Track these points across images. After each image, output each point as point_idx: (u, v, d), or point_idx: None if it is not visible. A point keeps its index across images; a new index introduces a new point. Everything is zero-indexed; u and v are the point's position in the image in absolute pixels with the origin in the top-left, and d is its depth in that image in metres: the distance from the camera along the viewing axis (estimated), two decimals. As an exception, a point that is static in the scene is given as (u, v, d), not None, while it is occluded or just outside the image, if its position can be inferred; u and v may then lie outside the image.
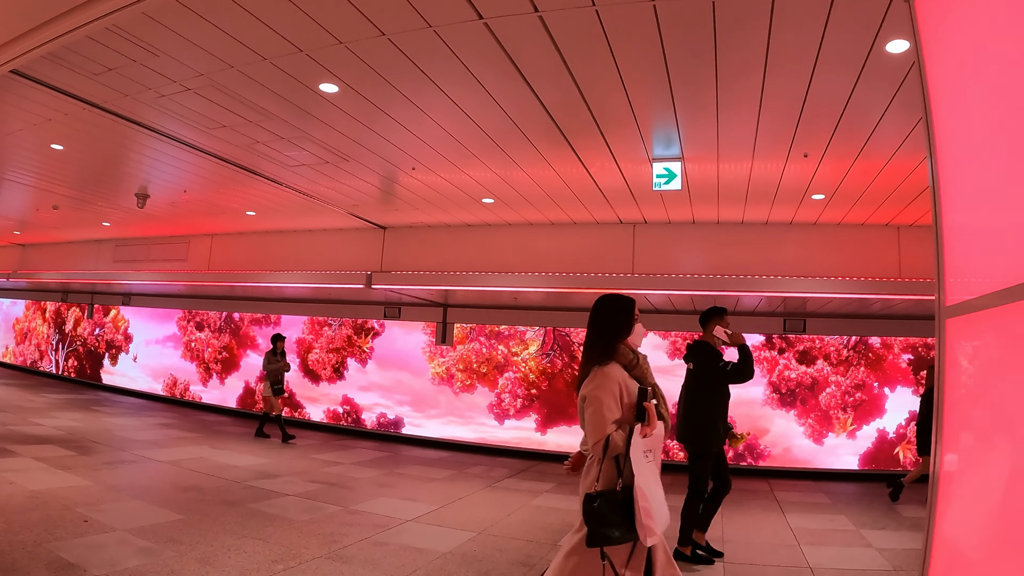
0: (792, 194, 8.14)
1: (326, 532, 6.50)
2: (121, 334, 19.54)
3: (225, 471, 9.12)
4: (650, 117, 6.12)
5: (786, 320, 11.77)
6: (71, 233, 16.11)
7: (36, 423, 11.69)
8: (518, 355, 13.41)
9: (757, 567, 6.13)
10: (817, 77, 5.10)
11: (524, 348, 13.37)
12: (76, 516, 6.20)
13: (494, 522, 7.40)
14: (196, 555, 5.46)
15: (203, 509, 7.02)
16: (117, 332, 19.68)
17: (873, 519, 8.17)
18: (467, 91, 5.81)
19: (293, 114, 6.63)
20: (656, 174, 7.03)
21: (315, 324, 15.67)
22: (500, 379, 13.45)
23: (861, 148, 6.51)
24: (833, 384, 11.61)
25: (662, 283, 9.46)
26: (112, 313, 19.83)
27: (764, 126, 6.09)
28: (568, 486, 9.77)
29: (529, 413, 13.07)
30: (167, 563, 5.20)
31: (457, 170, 8.20)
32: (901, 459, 11.22)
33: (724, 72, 5.14)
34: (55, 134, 7.93)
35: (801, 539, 7.13)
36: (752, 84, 5.31)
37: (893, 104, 5.48)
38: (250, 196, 10.42)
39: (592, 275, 9.94)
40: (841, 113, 5.73)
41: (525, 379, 13.21)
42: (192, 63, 5.57)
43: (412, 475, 10.04)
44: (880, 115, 5.73)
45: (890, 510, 8.76)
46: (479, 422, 13.47)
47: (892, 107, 5.54)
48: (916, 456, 10.38)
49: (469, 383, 13.66)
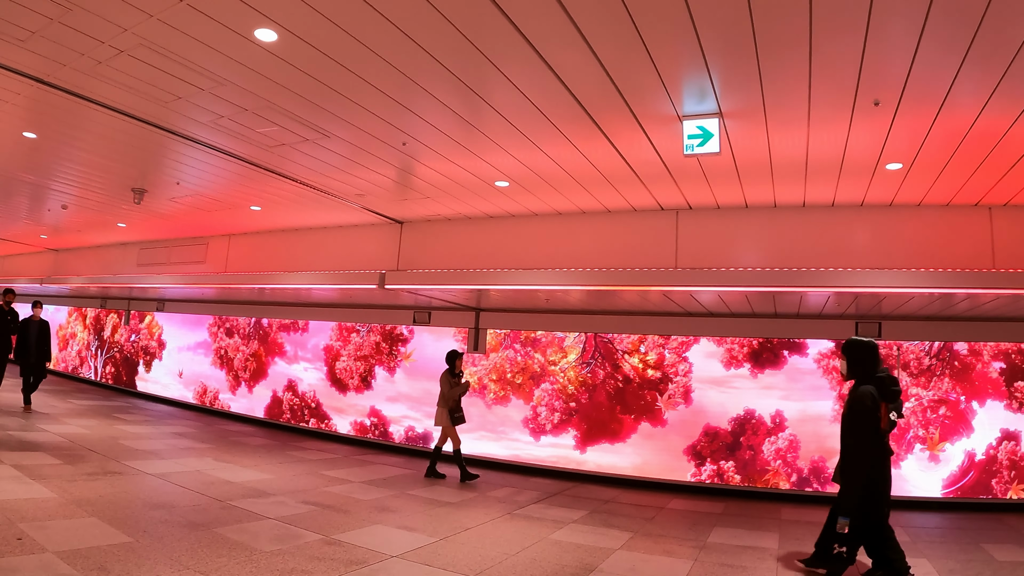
0: (862, 164, 6.81)
1: (286, 568, 5.44)
2: (155, 340, 19.08)
3: (214, 487, 8.19)
4: (674, 64, 5.04)
5: (858, 323, 10.26)
6: (95, 237, 16.14)
7: (42, 429, 11.04)
8: (556, 364, 12.21)
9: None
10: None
11: (563, 356, 12.17)
12: (12, 533, 5.50)
13: (496, 562, 6.23)
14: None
15: (160, 532, 6.09)
16: (151, 338, 19.24)
17: (963, 564, 6.76)
18: (476, 68, 5.36)
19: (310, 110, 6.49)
20: (688, 134, 5.81)
21: (343, 330, 14.77)
22: (536, 390, 12.26)
23: (944, 98, 5.24)
24: (913, 398, 10.06)
25: (711, 278, 8.14)
26: (147, 319, 19.48)
27: (818, 62, 4.84)
28: (600, 515, 8.58)
29: (567, 428, 11.86)
30: (72, 598, 4.29)
31: (472, 155, 7.46)
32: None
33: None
34: (25, 120, 7.66)
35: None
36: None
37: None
38: (258, 190, 9.89)
39: (630, 270, 8.69)
40: (917, 45, 4.49)
41: (563, 391, 12.00)
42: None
43: (424, 497, 8.94)
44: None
45: (978, 551, 7.34)
46: (512, 438, 12.30)
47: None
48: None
49: (503, 394, 12.51)
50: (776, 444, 10.40)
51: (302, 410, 15.02)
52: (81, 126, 7.64)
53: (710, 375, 10.91)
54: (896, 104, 5.39)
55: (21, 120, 7.60)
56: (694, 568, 6.36)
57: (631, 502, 9.69)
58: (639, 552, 6.88)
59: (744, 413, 10.67)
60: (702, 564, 6.51)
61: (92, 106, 6.80)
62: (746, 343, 10.86)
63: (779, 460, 10.33)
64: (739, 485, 10.50)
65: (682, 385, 11.01)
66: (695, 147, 5.84)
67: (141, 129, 7.42)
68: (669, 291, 8.57)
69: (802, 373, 10.49)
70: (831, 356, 10.38)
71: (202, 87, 6.13)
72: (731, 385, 10.80)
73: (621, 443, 11.38)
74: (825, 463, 10.12)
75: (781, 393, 10.53)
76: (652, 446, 11.14)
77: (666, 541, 7.42)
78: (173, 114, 6.90)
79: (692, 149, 5.88)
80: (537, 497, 9.60)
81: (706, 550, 7.08)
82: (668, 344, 11.33)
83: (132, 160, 8.88)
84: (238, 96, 6.28)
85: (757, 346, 10.79)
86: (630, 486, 10.98)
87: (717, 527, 8.23)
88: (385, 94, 5.96)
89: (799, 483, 10.22)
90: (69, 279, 17.65)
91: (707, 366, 10.96)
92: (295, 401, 15.19)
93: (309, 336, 15.30)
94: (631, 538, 7.48)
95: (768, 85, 5.20)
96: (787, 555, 7.00)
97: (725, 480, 10.58)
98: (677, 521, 8.57)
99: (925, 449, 9.85)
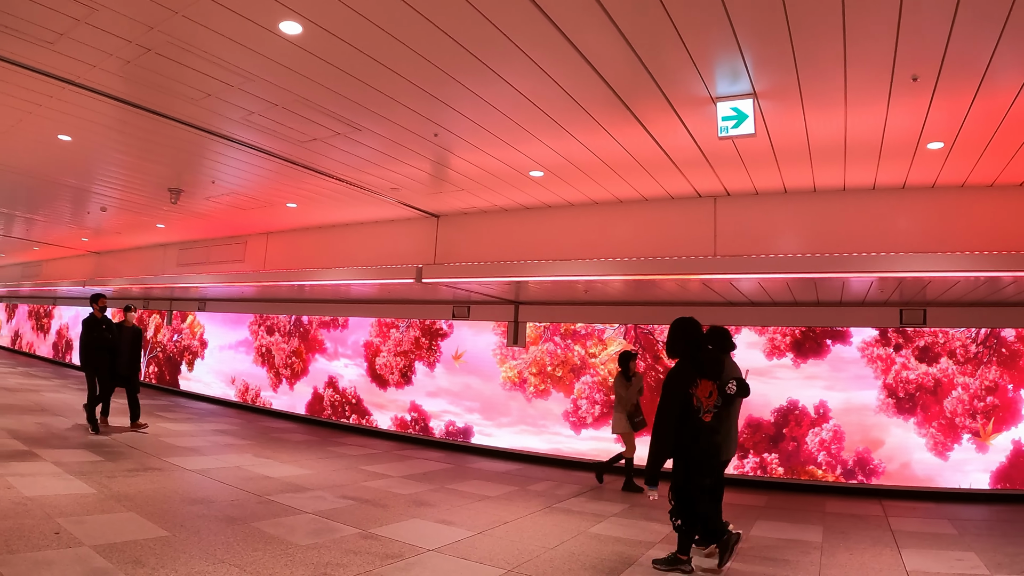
0: (903, 143, 6.57)
1: (321, 562, 5.42)
2: (197, 340, 19.34)
3: (252, 482, 8.23)
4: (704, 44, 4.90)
5: (903, 310, 9.96)
6: (135, 238, 16.43)
7: (84, 426, 11.16)
8: (596, 356, 12.08)
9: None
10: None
11: (603, 348, 12.04)
12: (50, 527, 5.55)
13: (534, 556, 6.16)
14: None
15: (197, 526, 6.14)
16: (193, 338, 19.50)
17: (1011, 559, 6.51)
18: (510, 61, 5.35)
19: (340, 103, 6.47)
20: (722, 116, 5.65)
21: (382, 326, 14.79)
22: (576, 383, 12.15)
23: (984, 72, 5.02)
24: (960, 386, 9.77)
25: (750, 265, 7.94)
26: (189, 319, 19.74)
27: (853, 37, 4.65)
28: (640, 509, 8.47)
29: (608, 422, 11.71)
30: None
31: (505, 145, 7.38)
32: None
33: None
34: (59, 123, 7.73)
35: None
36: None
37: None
38: (294, 187, 9.94)
39: (668, 259, 8.53)
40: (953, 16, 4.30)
41: (604, 383, 11.87)
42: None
43: (463, 492, 8.89)
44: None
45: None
46: (553, 431, 12.21)
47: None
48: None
49: (543, 388, 12.42)
50: (820, 435, 10.18)
51: (343, 406, 15.09)
52: (113, 127, 7.70)
53: (752, 365, 10.70)
54: (935, 79, 5.18)
55: (54, 123, 7.68)
56: (735, 562, 6.22)
57: (672, 495, 9.54)
58: (679, 545, 6.77)
59: (787, 404, 10.46)
60: (744, 558, 6.38)
61: (123, 106, 6.85)
62: (788, 332, 10.65)
63: (823, 452, 10.11)
64: (782, 477, 10.30)
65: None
66: (729, 129, 5.69)
67: (173, 128, 7.47)
68: (708, 279, 8.41)
69: (846, 362, 10.26)
70: (876, 345, 10.13)
71: (231, 83, 6.14)
72: (774, 375, 10.60)
73: (661, 436, 11.21)
74: (870, 454, 9.88)
75: (825, 383, 10.31)
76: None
77: (707, 534, 7.30)
78: (204, 112, 6.93)
79: (727, 131, 5.72)
80: (577, 491, 9.51)
81: (748, 543, 6.93)
82: (709, 334, 11.15)
83: (167, 160, 8.95)
84: (268, 91, 6.27)
85: (800, 335, 10.58)
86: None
87: (760, 520, 8.07)
88: (415, 85, 5.90)
89: (844, 475, 10.00)
90: (111, 281, 17.90)
91: (749, 356, 10.75)
92: (336, 397, 15.26)
93: (349, 333, 15.37)
94: (671, 532, 7.35)
95: (802, 62, 5.03)
96: (831, 548, 6.84)
97: (768, 472, 10.39)
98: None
99: (973, 440, 9.57)
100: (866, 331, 10.24)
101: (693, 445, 5.94)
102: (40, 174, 10.24)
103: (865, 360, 10.15)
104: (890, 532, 7.61)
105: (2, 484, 6.79)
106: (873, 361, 10.10)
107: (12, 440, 9.23)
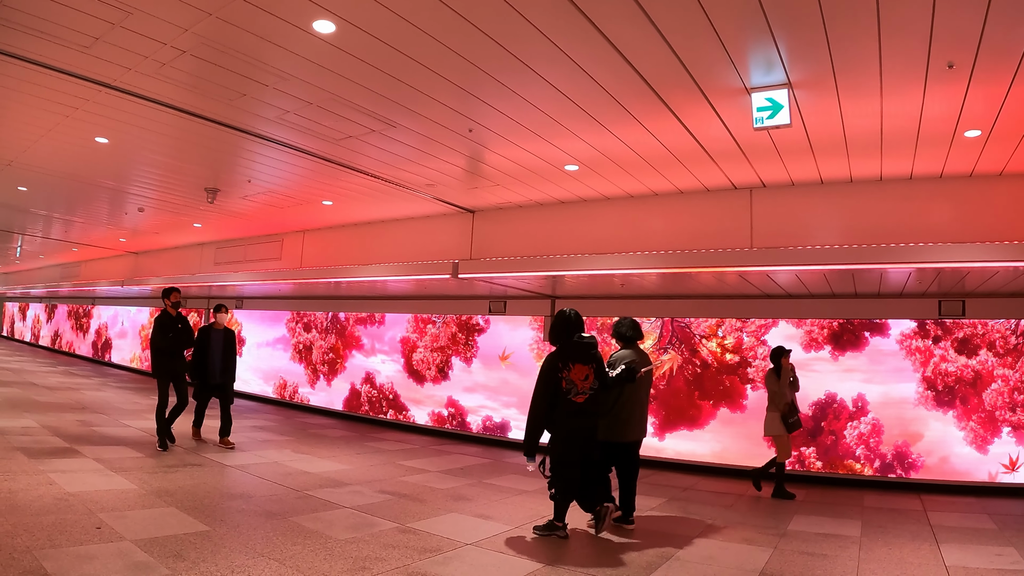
0: (939, 132, 6.44)
1: (360, 555, 5.46)
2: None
3: (291, 478, 8.32)
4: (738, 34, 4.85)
5: (941, 301, 9.80)
6: (173, 238, 16.63)
7: (124, 424, 11.43)
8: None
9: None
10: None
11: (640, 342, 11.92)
12: (92, 522, 5.68)
13: (573, 550, 6.18)
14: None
15: (237, 520, 6.22)
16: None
17: (1055, 554, 6.40)
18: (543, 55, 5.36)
19: (374, 100, 6.51)
20: (757, 107, 5.60)
21: (419, 322, 14.87)
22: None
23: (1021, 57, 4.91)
24: (999, 379, 9.59)
25: (787, 257, 7.86)
26: (228, 316, 19.85)
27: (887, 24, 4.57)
28: (678, 503, 8.45)
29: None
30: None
31: (540, 139, 7.37)
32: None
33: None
34: (96, 126, 7.86)
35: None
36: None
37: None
38: (329, 185, 10.01)
39: (705, 251, 8.46)
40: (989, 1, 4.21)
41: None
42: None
43: (501, 486, 8.91)
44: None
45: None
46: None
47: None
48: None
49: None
50: (858, 429, 10.07)
51: (380, 402, 15.18)
52: (150, 128, 7.80)
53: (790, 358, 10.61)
54: (971, 66, 5.07)
55: (92, 126, 7.80)
56: (773, 556, 6.18)
57: (710, 489, 9.51)
58: (717, 540, 6.73)
59: (825, 397, 10.35)
60: (781, 552, 6.33)
61: (160, 108, 6.94)
62: (826, 325, 10.53)
63: (861, 445, 10.00)
64: (820, 471, 10.20)
65: (761, 369, 10.73)
66: (765, 120, 5.63)
67: (209, 128, 7.55)
68: (745, 272, 8.34)
69: (884, 355, 10.12)
70: (914, 337, 9.99)
71: (266, 83, 6.19)
72: (811, 368, 10.49)
73: (700, 429, 11.17)
74: (909, 448, 9.75)
75: (863, 376, 10.17)
76: (731, 432, 10.91)
77: (745, 529, 7.25)
78: (239, 112, 7.00)
79: (762, 122, 5.66)
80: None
81: (786, 538, 6.88)
82: (746, 327, 11.07)
83: (203, 160, 9.07)
84: (302, 90, 6.32)
85: (837, 328, 10.45)
86: (709, 473, 10.78)
87: (798, 514, 8.00)
88: (448, 80, 5.91)
89: (882, 469, 9.87)
90: (149, 280, 18.19)
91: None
92: (373, 393, 15.37)
93: (386, 329, 15.46)
94: (709, 525, 7.33)
95: (836, 51, 4.96)
96: (870, 543, 6.77)
97: (806, 466, 10.30)
98: (757, 508, 8.37)
99: (1012, 433, 9.39)
100: (904, 323, 10.09)
101: (564, 423, 6.53)
102: (78, 176, 10.42)
103: (904, 352, 10.01)
104: (929, 527, 7.51)
105: (44, 480, 6.94)
106: (912, 353, 9.96)
107: (54, 437, 9.42)
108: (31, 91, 6.76)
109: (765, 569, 5.78)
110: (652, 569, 5.66)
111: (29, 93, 6.83)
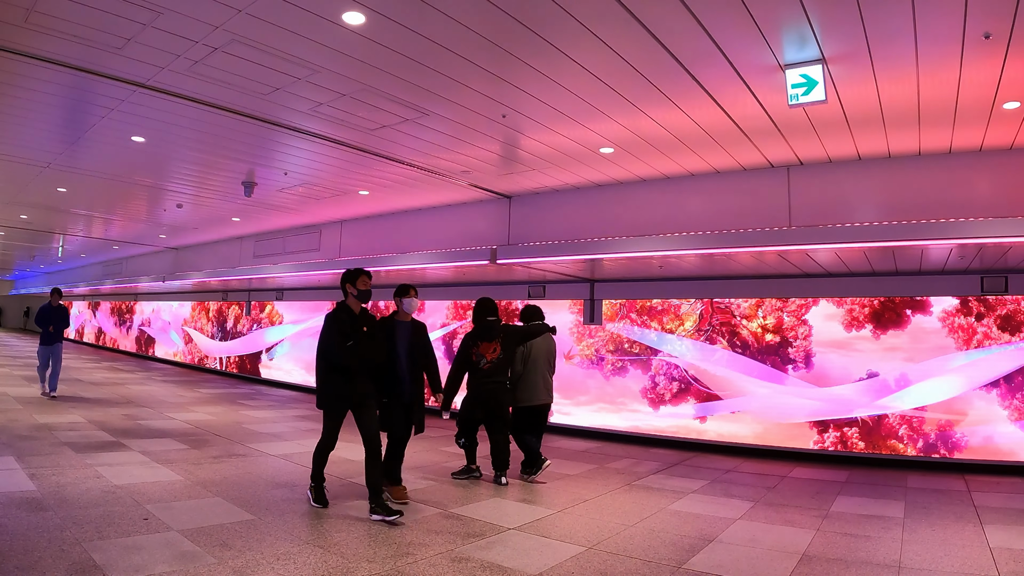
0: (978, 104, 6.29)
1: (403, 541, 5.52)
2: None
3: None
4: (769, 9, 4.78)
5: (983, 278, 9.61)
6: (212, 232, 16.82)
7: (169, 417, 11.61)
8: (673, 332, 11.99)
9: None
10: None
11: (679, 324, 11.94)
12: (139, 514, 5.78)
13: (614, 533, 6.16)
14: (236, 564, 4.72)
15: (281, 509, 6.32)
16: (272, 327, 19.87)
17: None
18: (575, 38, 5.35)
19: (407, 89, 6.56)
20: (791, 83, 5.52)
21: (458, 308, 14.95)
22: (654, 359, 12.08)
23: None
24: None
25: (826, 235, 7.75)
26: (268, 308, 20.13)
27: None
28: (720, 485, 8.40)
29: (687, 398, 11.64)
30: (197, 572, 4.53)
31: (574, 123, 7.35)
32: None
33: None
34: (132, 125, 8.00)
35: (1003, 566, 5.38)
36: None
37: None
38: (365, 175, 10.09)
39: (743, 231, 8.38)
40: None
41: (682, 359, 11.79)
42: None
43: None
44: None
45: None
46: (632, 409, 12.17)
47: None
48: None
49: (620, 365, 12.38)
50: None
51: (421, 388, 15.24)
52: (186, 126, 7.91)
53: (830, 338, 10.49)
54: (1008, 36, 4.94)
55: (128, 126, 7.94)
56: (816, 538, 6.13)
57: (752, 471, 9.46)
58: (760, 522, 6.69)
59: (867, 376, 10.23)
60: (824, 534, 6.28)
61: (194, 105, 7.04)
62: (867, 303, 10.38)
63: (904, 425, 9.86)
64: (863, 452, 10.09)
65: (802, 349, 10.64)
66: (800, 97, 5.56)
67: (244, 123, 7.65)
68: (784, 251, 8.25)
69: (927, 333, 9.96)
70: (956, 314, 9.82)
71: (298, 76, 6.23)
72: (853, 348, 10.36)
73: (740, 412, 11.10)
74: (952, 428, 9.61)
75: (905, 355, 10.04)
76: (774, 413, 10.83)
77: (787, 511, 7.19)
78: (273, 106, 7.06)
79: (797, 99, 5.59)
80: (656, 468, 9.47)
81: (829, 519, 6.82)
82: (786, 307, 10.96)
83: (239, 155, 9.16)
84: (334, 82, 6.35)
85: (878, 306, 10.30)
86: (751, 455, 10.72)
87: (840, 496, 7.93)
88: (480, 67, 5.91)
89: (925, 449, 9.74)
90: (190, 275, 18.44)
91: (827, 328, 10.54)
92: (414, 380, 15.42)
93: (425, 316, 15.48)
94: (752, 508, 7.29)
95: (870, 24, 4.86)
96: (913, 524, 6.69)
97: (849, 447, 10.19)
98: (799, 490, 8.30)
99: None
100: (946, 300, 9.91)
101: (473, 386, 8.15)
102: (117, 175, 10.60)
103: (946, 330, 9.85)
104: (973, 507, 7.40)
105: (92, 474, 7.09)
106: (954, 331, 9.79)
107: (100, 432, 9.61)
108: (66, 94, 6.89)
109: (807, 551, 5.74)
110: (694, 552, 5.65)
111: (65, 96, 6.95)
